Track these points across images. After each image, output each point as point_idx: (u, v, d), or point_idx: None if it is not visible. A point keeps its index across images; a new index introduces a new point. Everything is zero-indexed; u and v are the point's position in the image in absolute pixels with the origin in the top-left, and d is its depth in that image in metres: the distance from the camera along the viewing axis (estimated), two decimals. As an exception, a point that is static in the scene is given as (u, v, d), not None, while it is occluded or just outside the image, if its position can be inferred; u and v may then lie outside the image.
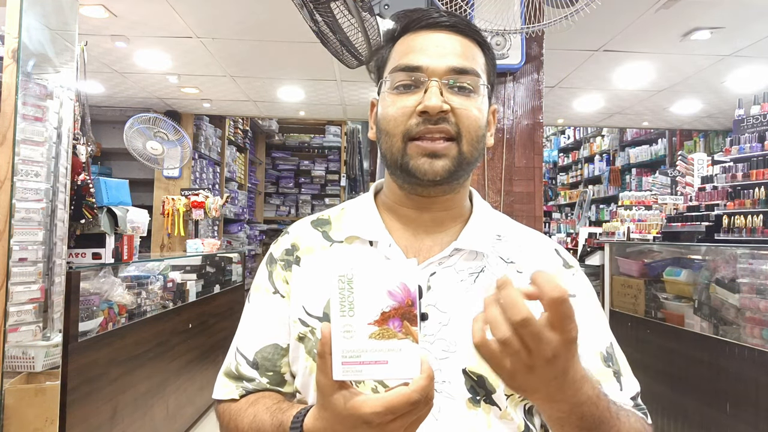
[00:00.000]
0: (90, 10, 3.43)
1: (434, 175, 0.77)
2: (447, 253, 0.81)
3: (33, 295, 2.00)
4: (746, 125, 3.28)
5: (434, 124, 0.77)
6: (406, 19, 0.83)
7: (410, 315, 0.56)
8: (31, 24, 2.00)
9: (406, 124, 0.78)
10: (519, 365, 0.54)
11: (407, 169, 0.79)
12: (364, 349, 0.55)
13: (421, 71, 0.78)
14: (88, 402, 2.35)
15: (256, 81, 5.00)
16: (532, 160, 2.54)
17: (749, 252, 2.71)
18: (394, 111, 0.79)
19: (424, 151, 0.77)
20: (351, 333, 0.56)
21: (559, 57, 4.11)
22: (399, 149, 0.79)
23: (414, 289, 0.56)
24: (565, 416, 0.61)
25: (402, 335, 0.56)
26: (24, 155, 1.98)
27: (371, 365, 0.55)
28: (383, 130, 0.81)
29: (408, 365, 0.55)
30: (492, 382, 0.76)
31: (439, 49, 0.79)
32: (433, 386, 0.56)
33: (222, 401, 0.86)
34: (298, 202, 8.81)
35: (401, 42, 0.83)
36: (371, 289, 0.56)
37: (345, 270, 0.56)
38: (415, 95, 0.78)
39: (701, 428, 2.87)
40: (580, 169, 8.75)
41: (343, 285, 0.56)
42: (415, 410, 0.56)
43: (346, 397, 0.57)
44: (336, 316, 0.56)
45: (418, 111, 0.77)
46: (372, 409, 0.55)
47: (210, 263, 4.18)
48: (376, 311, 0.56)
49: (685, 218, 3.47)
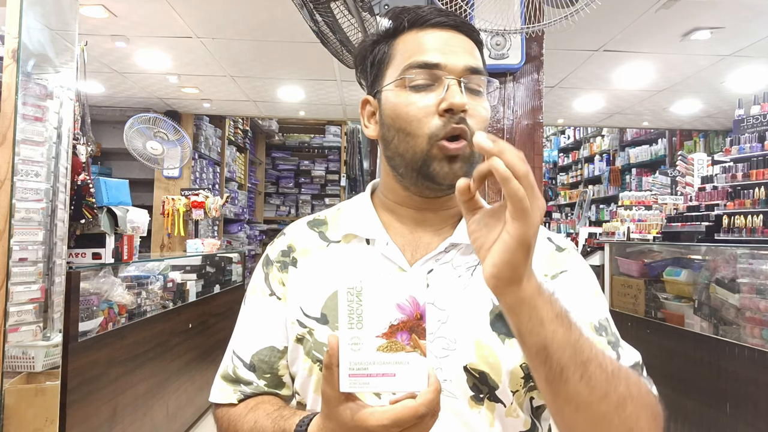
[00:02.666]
0: (90, 10, 3.43)
1: (453, 179, 0.75)
2: (443, 248, 0.81)
3: (33, 295, 2.00)
4: (746, 125, 3.28)
5: (457, 123, 0.75)
6: (406, 16, 0.81)
7: (419, 328, 0.56)
8: (31, 24, 2.00)
9: (430, 124, 0.76)
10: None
11: (427, 173, 0.77)
12: (372, 361, 0.56)
13: (440, 68, 0.77)
14: (88, 402, 2.35)
15: (256, 81, 5.00)
16: (532, 160, 2.54)
17: (749, 252, 2.71)
18: (415, 110, 0.77)
19: (446, 153, 0.76)
20: (359, 345, 0.56)
21: (559, 57, 4.11)
22: (423, 150, 0.77)
23: (423, 302, 0.56)
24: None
25: (410, 348, 0.56)
26: (24, 155, 1.98)
27: (379, 378, 0.55)
28: (401, 129, 0.78)
29: (415, 378, 0.55)
30: (494, 378, 0.75)
31: (451, 48, 0.78)
32: (439, 400, 0.56)
33: (220, 405, 0.85)
34: (298, 202, 8.81)
35: (406, 39, 0.81)
36: (380, 302, 0.56)
37: (354, 282, 0.56)
38: (434, 93, 0.77)
39: (701, 428, 2.87)
40: (580, 169, 8.75)
41: (352, 297, 0.56)
42: (421, 423, 0.56)
43: (352, 409, 0.57)
44: (344, 328, 0.56)
45: (441, 110, 0.75)
46: (378, 422, 0.55)
47: (210, 263, 4.18)
48: (385, 324, 0.56)
49: (685, 218, 3.47)
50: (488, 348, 0.75)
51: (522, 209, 0.55)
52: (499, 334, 0.76)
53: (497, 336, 0.76)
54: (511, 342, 0.76)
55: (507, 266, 0.57)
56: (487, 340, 0.76)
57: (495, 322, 0.77)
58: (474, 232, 0.62)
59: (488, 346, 0.75)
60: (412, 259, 0.81)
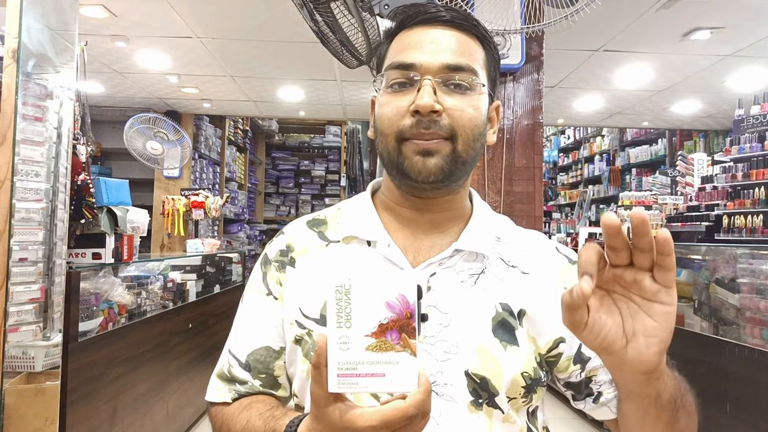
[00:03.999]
0: (90, 10, 3.43)
1: (428, 174, 0.76)
2: (448, 254, 0.80)
3: (33, 295, 2.00)
4: (746, 125, 3.28)
5: (426, 127, 0.75)
6: (403, 15, 0.81)
7: (409, 327, 0.55)
8: (31, 24, 2.00)
9: (400, 124, 0.76)
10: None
11: (402, 170, 0.77)
12: (361, 361, 0.54)
13: (414, 69, 0.76)
14: (88, 402, 2.35)
15: (256, 81, 5.00)
16: (532, 160, 2.54)
17: (749, 252, 2.71)
18: (389, 110, 0.77)
19: (417, 149, 0.76)
20: (348, 345, 0.55)
21: (559, 57, 4.11)
22: (394, 148, 0.77)
23: (413, 301, 0.55)
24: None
25: (400, 348, 0.55)
26: (24, 155, 1.98)
27: (368, 378, 0.54)
28: (379, 129, 0.79)
29: (405, 378, 0.54)
30: (495, 384, 0.74)
31: (434, 46, 0.77)
32: (430, 401, 0.56)
33: (215, 404, 0.85)
34: (298, 202, 8.81)
35: (398, 39, 0.81)
36: (369, 301, 0.55)
37: (342, 280, 0.55)
38: (410, 94, 0.76)
39: (701, 428, 2.87)
40: (580, 169, 8.75)
41: (341, 296, 0.55)
42: (410, 425, 0.55)
43: (341, 409, 0.56)
44: (332, 327, 0.55)
45: (411, 110, 0.75)
46: (367, 423, 0.54)
47: (210, 263, 4.18)
48: (374, 323, 0.55)
49: (685, 218, 3.47)
50: (491, 354, 0.75)
51: (673, 278, 0.55)
52: (500, 341, 0.76)
53: (499, 343, 0.76)
54: (512, 349, 0.76)
55: (670, 335, 0.57)
56: (489, 346, 0.75)
57: (497, 329, 0.77)
58: (609, 327, 0.56)
59: (491, 352, 0.75)
60: (415, 261, 0.81)
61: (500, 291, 0.79)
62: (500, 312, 0.78)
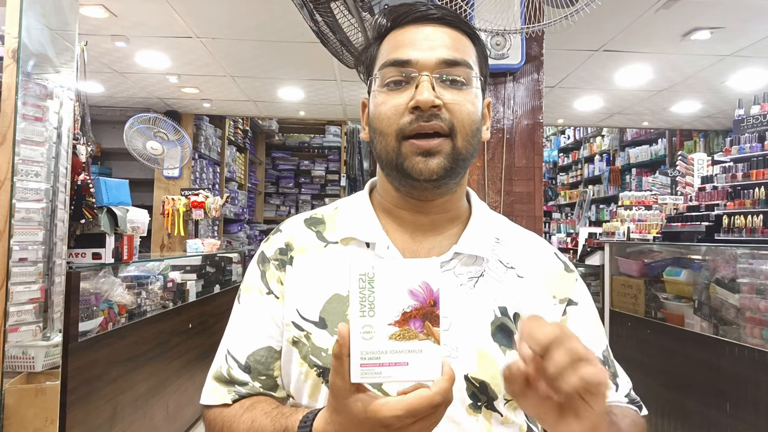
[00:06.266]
0: (90, 10, 3.43)
1: (430, 174, 0.75)
2: (448, 257, 0.79)
3: (33, 295, 2.00)
4: (746, 125, 3.28)
5: (426, 120, 0.74)
6: (393, 14, 0.81)
7: (432, 315, 0.54)
8: (31, 24, 2.00)
9: (399, 122, 0.75)
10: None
11: (402, 170, 0.76)
12: (384, 350, 0.54)
13: (411, 65, 0.76)
14: (88, 402, 2.35)
15: (256, 81, 5.00)
16: (532, 160, 2.54)
17: (749, 252, 2.71)
18: (387, 109, 0.76)
19: (418, 150, 0.75)
20: (371, 334, 0.54)
21: (559, 57, 4.11)
22: (393, 148, 0.76)
23: (436, 288, 0.54)
24: None
25: (423, 336, 0.54)
26: (24, 155, 1.98)
27: (391, 367, 0.54)
28: (376, 129, 0.78)
29: (429, 367, 0.54)
30: (494, 389, 0.74)
31: (428, 42, 0.77)
32: (452, 388, 0.55)
33: (212, 407, 0.82)
34: (298, 202, 8.81)
35: (389, 38, 0.81)
36: (393, 289, 0.54)
37: (366, 268, 0.54)
38: (407, 91, 0.76)
39: (701, 428, 2.87)
40: (580, 169, 8.75)
41: (364, 284, 0.54)
42: (435, 413, 0.54)
43: (363, 400, 0.55)
44: (355, 316, 0.54)
45: (410, 107, 0.75)
46: (392, 413, 0.53)
47: (210, 263, 4.18)
48: (397, 311, 0.54)
49: (685, 218, 3.47)
50: (490, 358, 0.75)
51: (605, 392, 0.55)
52: (500, 345, 0.76)
53: (498, 347, 0.76)
54: (511, 354, 0.76)
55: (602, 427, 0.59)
56: (489, 351, 0.75)
57: (496, 333, 0.77)
58: (545, 405, 0.59)
59: (490, 357, 0.75)
60: None
61: (498, 294, 0.79)
62: (499, 317, 0.78)
